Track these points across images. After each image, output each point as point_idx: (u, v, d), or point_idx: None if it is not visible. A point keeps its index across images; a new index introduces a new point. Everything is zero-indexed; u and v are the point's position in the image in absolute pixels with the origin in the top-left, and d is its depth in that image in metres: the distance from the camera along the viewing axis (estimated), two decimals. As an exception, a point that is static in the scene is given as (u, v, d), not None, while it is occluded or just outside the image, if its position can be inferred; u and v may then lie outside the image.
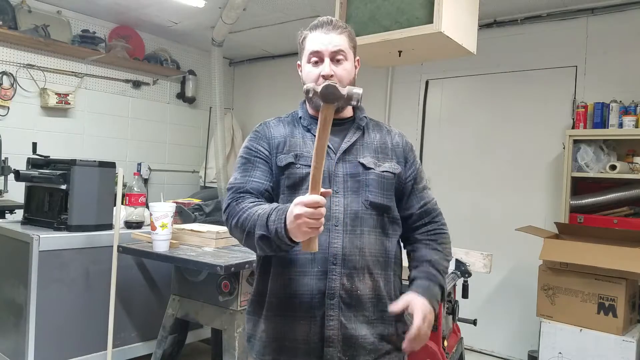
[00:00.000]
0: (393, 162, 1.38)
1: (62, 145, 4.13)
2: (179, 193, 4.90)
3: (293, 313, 1.29)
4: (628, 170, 3.08)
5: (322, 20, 1.37)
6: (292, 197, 1.19)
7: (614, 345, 2.70)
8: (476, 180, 3.92)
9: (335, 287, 1.26)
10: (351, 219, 1.29)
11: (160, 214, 2.28)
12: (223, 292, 2.22)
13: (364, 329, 1.29)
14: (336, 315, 1.26)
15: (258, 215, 1.20)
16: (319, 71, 1.32)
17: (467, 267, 2.47)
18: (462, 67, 3.92)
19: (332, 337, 1.26)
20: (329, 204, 1.26)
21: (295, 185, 1.30)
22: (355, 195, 1.31)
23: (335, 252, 1.27)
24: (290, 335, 1.29)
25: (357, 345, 1.28)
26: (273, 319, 1.31)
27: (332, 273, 1.27)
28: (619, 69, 3.36)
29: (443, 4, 2.20)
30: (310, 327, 1.27)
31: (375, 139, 1.40)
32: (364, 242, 1.30)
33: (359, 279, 1.28)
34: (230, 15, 3.92)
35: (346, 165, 1.33)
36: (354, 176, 1.32)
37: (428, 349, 2.13)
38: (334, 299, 1.26)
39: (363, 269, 1.29)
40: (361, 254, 1.29)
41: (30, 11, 3.86)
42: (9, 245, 2.58)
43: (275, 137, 1.38)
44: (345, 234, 1.28)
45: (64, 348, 2.47)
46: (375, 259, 1.32)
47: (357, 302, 1.28)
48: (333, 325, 1.26)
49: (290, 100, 4.92)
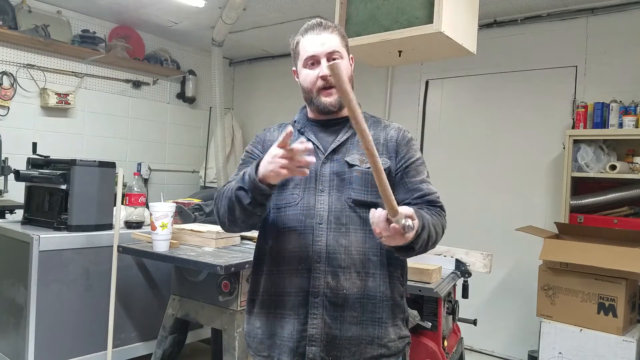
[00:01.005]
0: (383, 157, 1.34)
1: (62, 145, 4.13)
2: (179, 193, 4.90)
3: (281, 311, 1.31)
4: (628, 170, 3.08)
5: (312, 23, 1.38)
6: (280, 196, 1.32)
7: (614, 345, 2.70)
8: (476, 180, 3.92)
9: (319, 286, 1.27)
10: (335, 217, 1.29)
11: (160, 214, 2.28)
12: (223, 292, 2.21)
13: (352, 330, 1.27)
14: (320, 314, 1.26)
15: (235, 181, 1.26)
16: (316, 73, 1.33)
17: (467, 267, 2.47)
18: (462, 67, 3.92)
19: (314, 335, 1.26)
20: (314, 202, 1.29)
21: (282, 185, 1.32)
22: (339, 193, 1.30)
23: (319, 250, 1.27)
24: (279, 333, 1.31)
25: (341, 347, 1.27)
26: (265, 316, 1.34)
27: (316, 271, 1.27)
28: (619, 69, 3.36)
29: (443, 4, 2.20)
30: (295, 325, 1.28)
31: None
32: (350, 240, 1.28)
33: (345, 277, 1.27)
34: (230, 15, 3.92)
35: (333, 164, 1.33)
36: (340, 175, 1.32)
37: (428, 349, 2.13)
38: (318, 297, 1.27)
39: (349, 267, 1.27)
40: (347, 252, 1.28)
41: (30, 11, 3.86)
42: (9, 245, 2.57)
43: (270, 141, 1.42)
44: (329, 232, 1.28)
45: (64, 348, 2.47)
46: (364, 257, 1.29)
47: (343, 301, 1.27)
48: (316, 324, 1.26)
49: (290, 100, 4.94)
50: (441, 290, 2.06)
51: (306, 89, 1.37)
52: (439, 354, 2.13)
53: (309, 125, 1.42)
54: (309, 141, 1.34)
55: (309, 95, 1.37)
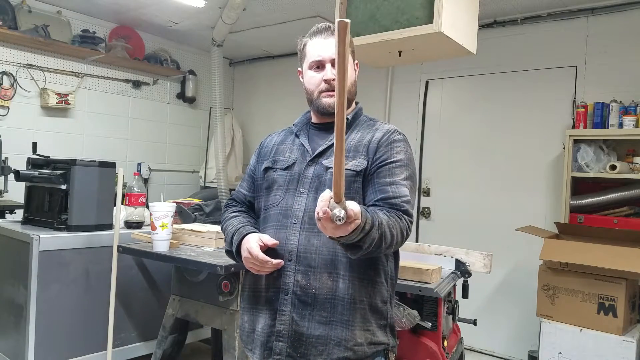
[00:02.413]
0: (360, 159, 1.33)
1: (62, 145, 4.13)
2: (179, 193, 4.90)
3: (258, 306, 1.37)
4: (628, 170, 3.08)
5: (321, 26, 1.41)
6: (268, 198, 1.41)
7: (614, 345, 2.70)
8: (476, 180, 3.92)
9: (289, 283, 1.30)
10: (310, 217, 1.30)
11: (160, 214, 2.28)
12: (223, 292, 2.22)
13: (320, 329, 1.28)
14: (288, 311, 1.30)
15: (228, 231, 1.43)
16: (321, 76, 1.37)
17: (467, 267, 2.47)
18: (462, 67, 3.92)
19: (282, 331, 1.30)
20: (292, 203, 1.35)
21: (269, 187, 1.42)
22: (316, 194, 1.31)
23: (291, 248, 1.31)
24: (256, 327, 1.37)
25: (308, 344, 1.28)
26: (249, 311, 1.41)
27: (287, 269, 1.31)
28: (619, 69, 3.36)
29: (443, 4, 2.20)
30: (266, 320, 1.34)
31: (355, 139, 1.39)
32: (322, 240, 1.29)
33: (315, 277, 1.28)
34: (230, 15, 3.92)
35: (317, 167, 1.36)
36: (320, 177, 1.34)
37: (428, 349, 2.13)
38: (288, 294, 1.30)
39: (320, 267, 1.28)
40: (318, 252, 1.29)
41: (30, 11, 3.86)
42: (9, 245, 2.58)
43: (267, 146, 1.52)
44: (302, 232, 1.31)
45: (64, 348, 2.47)
46: (335, 258, 1.28)
47: (313, 300, 1.28)
48: (284, 320, 1.30)
49: (290, 100, 4.95)
50: (441, 290, 2.06)
51: (309, 90, 1.41)
52: (439, 354, 2.13)
53: (306, 128, 1.47)
54: (300, 143, 1.42)
55: (311, 96, 1.41)
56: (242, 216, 1.47)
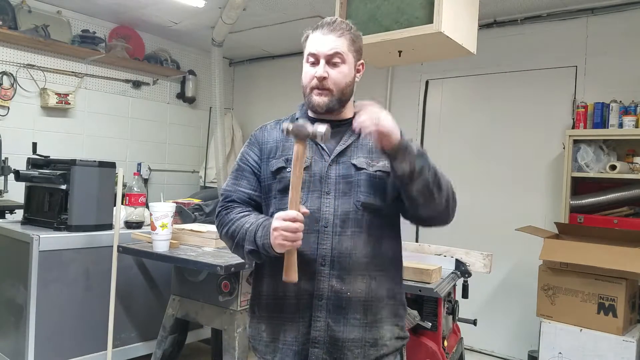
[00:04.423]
0: (384, 160, 1.32)
1: (62, 145, 4.13)
2: (179, 193, 4.90)
3: (284, 314, 1.31)
4: (628, 170, 3.08)
5: (325, 21, 1.36)
6: (284, 201, 1.27)
7: (614, 345, 2.70)
8: (476, 180, 3.92)
9: (324, 289, 1.27)
10: (341, 220, 1.29)
11: (160, 214, 2.28)
12: (223, 292, 2.22)
13: (355, 332, 1.28)
14: (323, 317, 1.27)
15: (246, 231, 1.28)
16: (313, 72, 1.33)
17: (467, 267, 2.47)
18: (462, 67, 3.91)
19: (317, 338, 1.28)
20: (319, 205, 1.29)
21: (286, 189, 1.27)
22: (346, 196, 1.30)
23: (324, 253, 1.28)
24: (282, 336, 1.31)
25: (344, 348, 1.27)
26: (269, 320, 1.34)
27: (321, 274, 1.27)
28: (619, 69, 3.36)
29: (443, 4, 2.20)
30: (299, 328, 1.29)
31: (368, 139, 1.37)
32: (355, 243, 1.29)
33: (349, 281, 1.28)
34: (230, 15, 3.92)
35: (339, 167, 1.32)
36: (346, 177, 1.31)
37: (428, 349, 2.13)
38: (322, 300, 1.27)
39: (354, 270, 1.28)
40: (351, 255, 1.28)
41: (30, 11, 3.86)
42: (9, 245, 2.58)
43: (268, 142, 1.41)
44: (334, 236, 1.28)
45: (64, 348, 2.47)
46: (368, 260, 1.30)
47: (347, 304, 1.28)
48: (319, 326, 1.27)
49: (290, 100, 4.92)
50: (441, 290, 2.06)
51: (303, 84, 1.37)
52: (439, 354, 2.13)
53: (311, 123, 1.39)
54: (316, 145, 1.34)
55: (304, 91, 1.37)
56: (255, 214, 1.35)
